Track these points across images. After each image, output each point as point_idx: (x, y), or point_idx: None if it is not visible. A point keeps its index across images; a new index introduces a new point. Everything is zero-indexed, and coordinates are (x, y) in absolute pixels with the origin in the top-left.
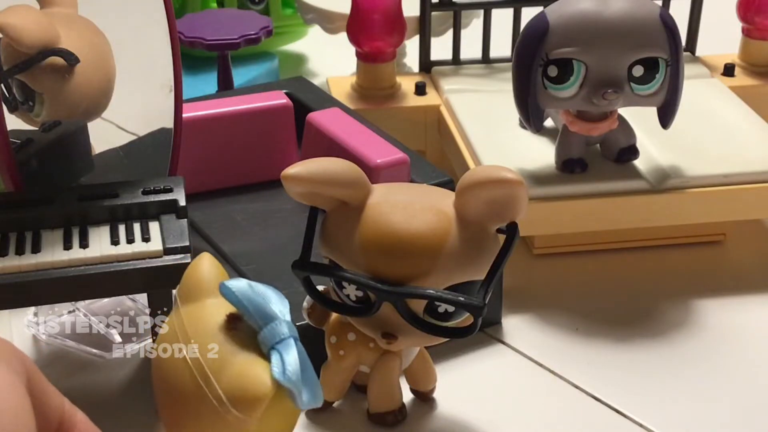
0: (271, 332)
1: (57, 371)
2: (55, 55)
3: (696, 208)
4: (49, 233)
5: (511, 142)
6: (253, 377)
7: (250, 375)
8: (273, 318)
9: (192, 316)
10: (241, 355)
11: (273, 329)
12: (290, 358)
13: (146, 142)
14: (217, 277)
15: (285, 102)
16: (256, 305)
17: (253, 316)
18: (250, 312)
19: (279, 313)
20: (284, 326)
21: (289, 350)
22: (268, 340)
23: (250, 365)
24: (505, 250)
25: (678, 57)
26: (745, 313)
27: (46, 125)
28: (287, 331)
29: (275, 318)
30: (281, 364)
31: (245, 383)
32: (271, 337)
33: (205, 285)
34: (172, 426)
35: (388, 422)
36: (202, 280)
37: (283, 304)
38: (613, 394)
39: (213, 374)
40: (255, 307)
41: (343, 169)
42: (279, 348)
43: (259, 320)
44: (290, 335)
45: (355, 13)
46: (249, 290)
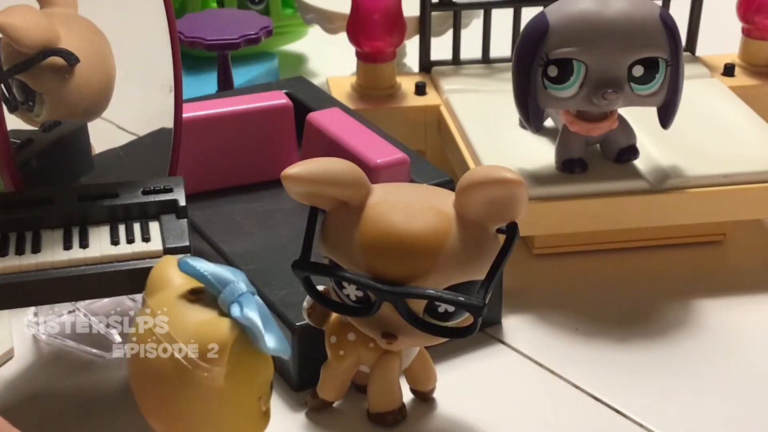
0: (230, 291)
1: (57, 371)
2: (55, 55)
3: (696, 208)
4: (49, 233)
5: (511, 142)
6: (214, 326)
7: (211, 326)
8: (231, 281)
9: (156, 300)
10: (202, 315)
11: (231, 288)
12: (248, 304)
13: (146, 142)
14: (173, 266)
15: (285, 102)
16: (213, 272)
17: (212, 282)
18: (208, 279)
19: (235, 277)
20: (242, 284)
21: (248, 300)
22: (227, 299)
23: (210, 320)
24: (505, 250)
25: (678, 57)
26: (745, 313)
27: (46, 125)
28: (245, 288)
29: (232, 280)
30: (240, 310)
31: (207, 333)
32: (230, 295)
33: (168, 276)
34: (151, 408)
35: (388, 422)
36: (165, 273)
37: (239, 274)
38: (613, 394)
39: (178, 338)
40: (212, 274)
41: (343, 169)
42: (238, 299)
43: (218, 284)
44: (248, 290)
45: (355, 13)
46: (206, 263)
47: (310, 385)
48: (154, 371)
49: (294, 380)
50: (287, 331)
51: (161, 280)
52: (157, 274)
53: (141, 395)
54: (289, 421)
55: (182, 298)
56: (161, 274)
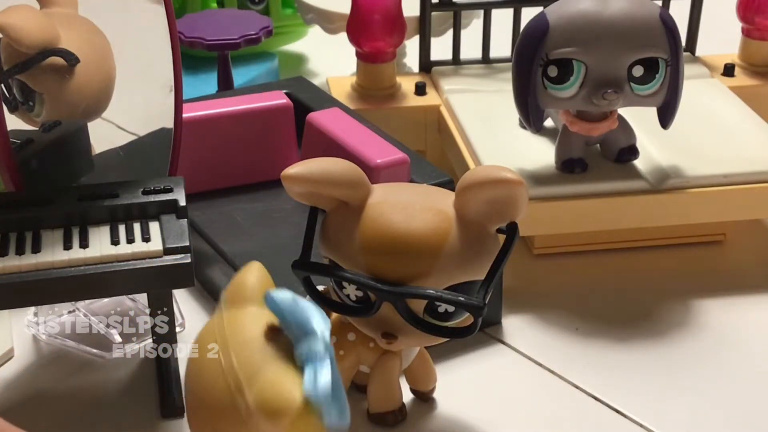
0: (308, 347)
1: (57, 371)
2: (55, 55)
3: (696, 208)
4: (49, 233)
5: (511, 142)
6: (284, 388)
7: (281, 386)
8: (312, 333)
9: (233, 321)
10: (275, 365)
11: (310, 344)
12: (323, 374)
13: (146, 142)
14: (265, 286)
15: (285, 102)
16: (298, 318)
17: (293, 329)
18: (290, 324)
19: (319, 331)
20: (321, 344)
21: (323, 367)
22: (303, 355)
23: (282, 376)
24: (505, 250)
25: (678, 57)
26: (745, 313)
27: (46, 125)
28: (323, 349)
29: (314, 334)
30: (314, 379)
31: (275, 393)
32: (308, 352)
33: (251, 292)
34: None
35: (388, 422)
36: (249, 287)
37: (324, 323)
38: (613, 394)
39: (245, 381)
40: (296, 320)
41: (343, 169)
42: (314, 363)
43: (298, 333)
44: (326, 353)
45: (355, 13)
46: (292, 303)
47: None
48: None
49: None
50: None
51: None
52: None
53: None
54: None
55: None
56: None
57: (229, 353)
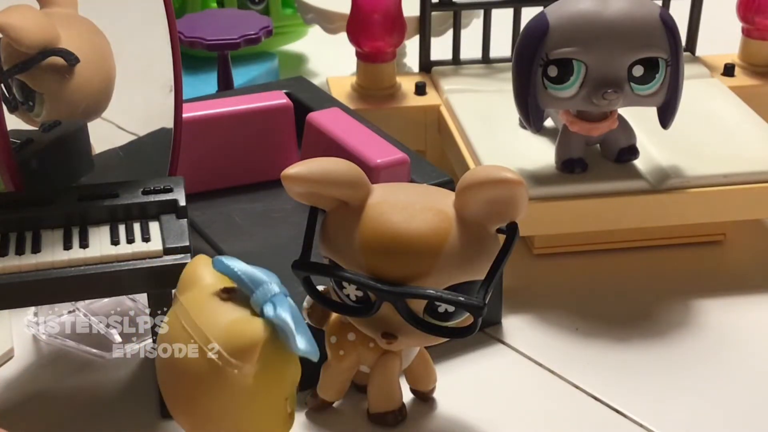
0: (263, 292)
1: (57, 371)
2: (55, 55)
3: (696, 208)
4: (49, 233)
5: (511, 142)
6: (246, 325)
7: (244, 325)
8: (263, 281)
9: (188, 298)
10: (234, 313)
11: (264, 289)
12: (283, 305)
13: (146, 142)
14: (212, 270)
15: (285, 102)
16: (248, 271)
17: (245, 282)
18: (242, 279)
19: (269, 279)
20: (275, 286)
21: (281, 301)
22: (260, 299)
23: (243, 319)
24: (505, 250)
25: (678, 57)
26: (745, 313)
27: (46, 125)
28: (278, 289)
29: (265, 281)
30: (274, 309)
31: (239, 331)
32: (263, 296)
33: (200, 274)
34: (179, 405)
35: (388, 422)
36: (197, 271)
37: (272, 276)
38: (613, 394)
39: (211, 335)
40: (246, 274)
41: (343, 169)
42: (271, 300)
43: (251, 284)
44: (281, 291)
45: (355, 13)
46: (241, 263)
47: (310, 385)
48: (183, 368)
49: None
50: None
51: (193, 277)
52: (190, 271)
53: (169, 392)
54: None
55: (214, 296)
56: (194, 272)
57: (191, 319)
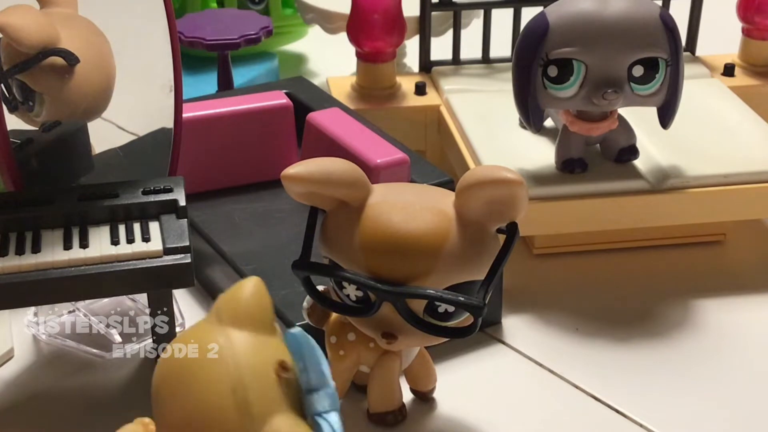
0: (322, 399)
1: (57, 371)
2: (55, 55)
3: (696, 208)
4: (49, 233)
5: (511, 142)
6: None
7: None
8: (326, 384)
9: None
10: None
11: (325, 396)
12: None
13: (146, 142)
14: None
15: (285, 102)
16: (316, 365)
17: (309, 375)
18: (307, 369)
19: (329, 380)
20: (333, 397)
21: (335, 424)
22: (316, 406)
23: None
24: (505, 250)
25: (678, 57)
26: (745, 313)
27: (46, 125)
28: (334, 403)
29: (329, 385)
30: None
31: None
32: (320, 404)
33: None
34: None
35: (388, 422)
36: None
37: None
38: (613, 394)
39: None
40: (315, 367)
41: (343, 169)
42: (327, 417)
43: (314, 382)
44: (334, 408)
45: (355, 13)
46: (314, 348)
47: None
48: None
49: None
50: None
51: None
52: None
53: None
54: None
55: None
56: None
57: (244, 382)
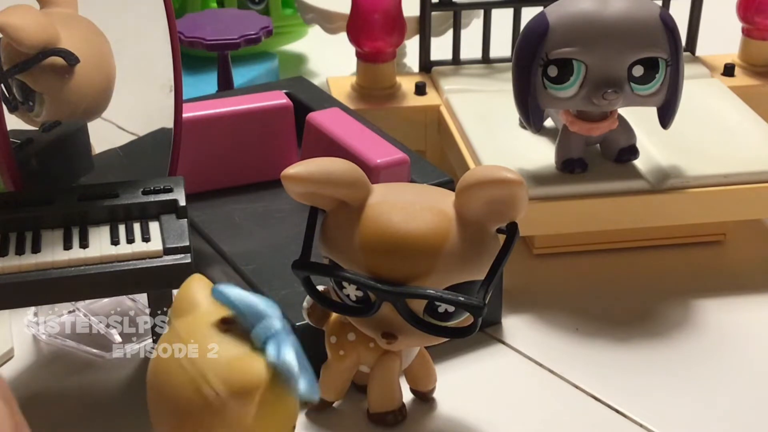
0: (264, 327)
1: (57, 371)
2: (55, 55)
3: (696, 208)
4: (49, 233)
5: (511, 142)
6: (247, 365)
7: (244, 363)
8: (266, 315)
9: (185, 325)
10: (234, 350)
11: (266, 324)
12: (286, 345)
13: (146, 142)
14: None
15: (285, 102)
16: (248, 304)
17: (246, 315)
18: (242, 311)
19: (271, 312)
20: (276, 322)
21: (284, 340)
22: (261, 335)
23: (243, 357)
24: (505, 250)
25: (678, 57)
26: (745, 313)
27: (46, 125)
28: (280, 326)
29: (267, 315)
30: (277, 351)
31: (240, 371)
32: (265, 331)
33: (196, 300)
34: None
35: (388, 422)
36: (192, 296)
37: (273, 308)
38: (613, 394)
39: (208, 370)
40: (247, 307)
41: (343, 169)
42: (272, 339)
43: (252, 318)
44: (283, 329)
45: (355, 13)
46: (240, 292)
47: None
48: (177, 400)
49: None
50: None
51: (190, 301)
52: (186, 294)
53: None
54: None
55: (213, 327)
56: (191, 296)
57: (187, 349)
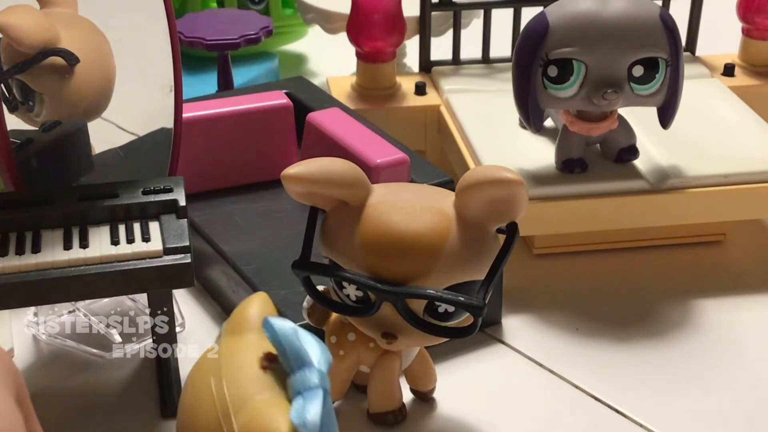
0: (302, 377)
1: (57, 371)
2: (55, 55)
3: (696, 208)
4: (49, 233)
5: (511, 142)
6: (270, 417)
7: (268, 414)
8: (308, 364)
9: (229, 348)
10: (266, 394)
11: (304, 375)
12: (314, 404)
13: (146, 142)
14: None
15: (285, 102)
16: (294, 347)
17: (288, 358)
18: (285, 352)
19: (316, 362)
20: (316, 375)
21: (314, 398)
22: (297, 385)
23: (271, 405)
24: (505, 250)
25: (678, 57)
26: (745, 313)
27: (46, 125)
28: (317, 381)
29: (310, 364)
30: (302, 409)
31: (260, 422)
32: (301, 383)
33: (252, 321)
34: None
35: (388, 422)
36: (250, 316)
37: (323, 356)
38: (613, 394)
39: (233, 409)
40: (293, 349)
41: (343, 169)
42: (305, 394)
43: (293, 363)
44: (320, 386)
45: (355, 13)
46: (291, 332)
47: None
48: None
49: None
50: None
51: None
52: (244, 312)
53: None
54: None
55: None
56: (248, 315)
57: (221, 379)
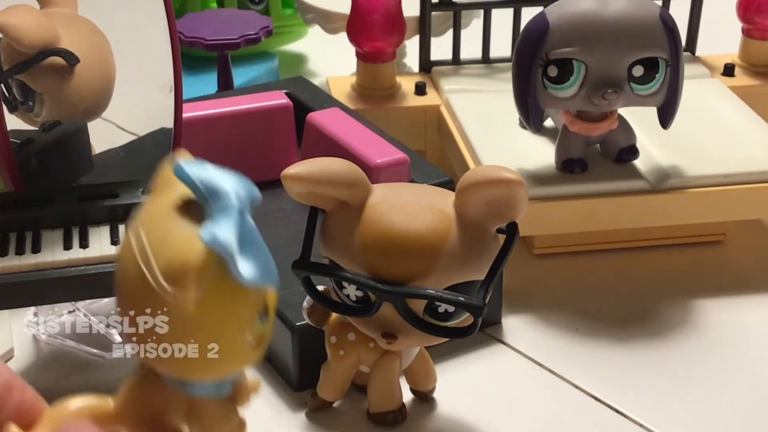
0: (216, 204)
1: (57, 371)
2: (55, 55)
3: (696, 208)
4: (49, 233)
5: (511, 142)
6: (185, 245)
7: (183, 244)
8: (221, 191)
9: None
10: (184, 231)
11: (218, 201)
12: (224, 223)
13: (146, 142)
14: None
15: (285, 102)
16: (205, 180)
17: (203, 193)
18: (197, 188)
19: (231, 189)
20: (232, 198)
21: (226, 216)
22: (210, 211)
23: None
24: (505, 250)
25: (678, 57)
26: (745, 313)
27: (46, 125)
28: (235, 203)
29: (224, 191)
30: (212, 228)
31: (176, 252)
32: (215, 208)
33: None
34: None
35: (388, 422)
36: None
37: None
38: (613, 394)
39: (153, 253)
40: (204, 183)
41: (343, 169)
42: (215, 215)
43: (208, 196)
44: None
45: (355, 13)
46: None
47: (310, 385)
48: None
49: (294, 380)
50: (287, 331)
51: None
52: (165, 171)
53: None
54: (289, 421)
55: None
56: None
57: (139, 230)
